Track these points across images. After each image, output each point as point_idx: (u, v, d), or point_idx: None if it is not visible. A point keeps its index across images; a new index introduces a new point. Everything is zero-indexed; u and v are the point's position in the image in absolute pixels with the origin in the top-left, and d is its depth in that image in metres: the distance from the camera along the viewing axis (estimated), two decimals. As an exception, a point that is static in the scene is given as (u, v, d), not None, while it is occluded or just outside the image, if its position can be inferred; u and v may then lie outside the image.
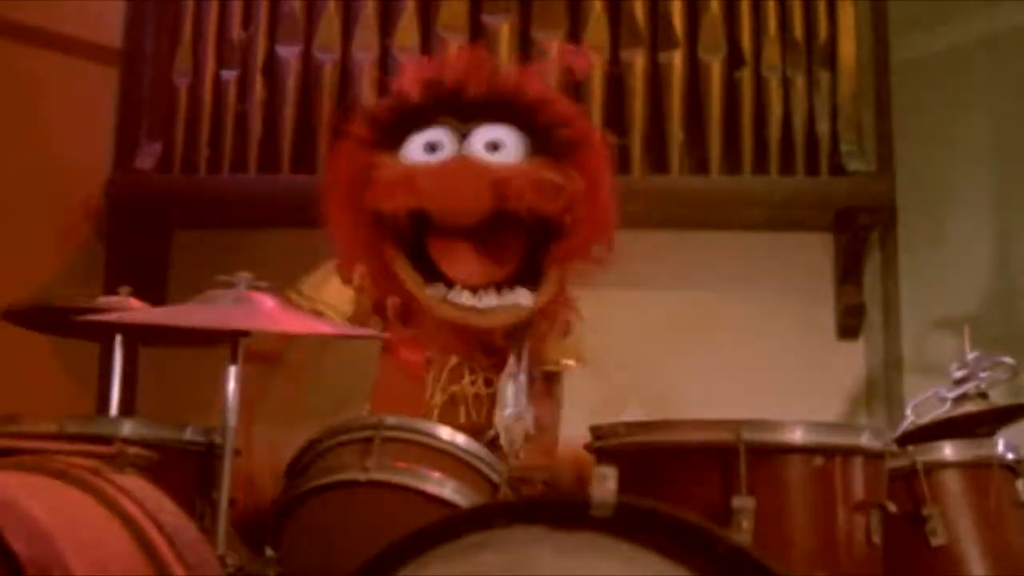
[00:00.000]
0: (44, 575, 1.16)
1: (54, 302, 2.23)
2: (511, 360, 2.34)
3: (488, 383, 2.53)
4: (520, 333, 2.43)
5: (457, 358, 2.52)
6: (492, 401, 2.55)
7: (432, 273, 2.52)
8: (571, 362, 2.63)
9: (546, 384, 2.77)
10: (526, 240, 2.53)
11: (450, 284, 2.49)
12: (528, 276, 2.54)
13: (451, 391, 2.49)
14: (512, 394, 2.26)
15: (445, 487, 1.97)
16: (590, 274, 2.58)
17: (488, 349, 2.56)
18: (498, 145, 2.48)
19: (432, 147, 2.49)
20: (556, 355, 2.61)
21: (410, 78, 2.56)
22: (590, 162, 2.52)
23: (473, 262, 2.50)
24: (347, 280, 2.59)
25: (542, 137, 2.48)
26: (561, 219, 2.49)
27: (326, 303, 2.54)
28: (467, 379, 2.51)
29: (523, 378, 2.31)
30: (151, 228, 3.82)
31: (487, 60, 2.62)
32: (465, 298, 2.47)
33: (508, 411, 2.23)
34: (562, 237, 2.51)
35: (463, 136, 2.49)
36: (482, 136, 2.48)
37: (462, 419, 2.49)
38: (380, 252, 2.53)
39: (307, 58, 3.76)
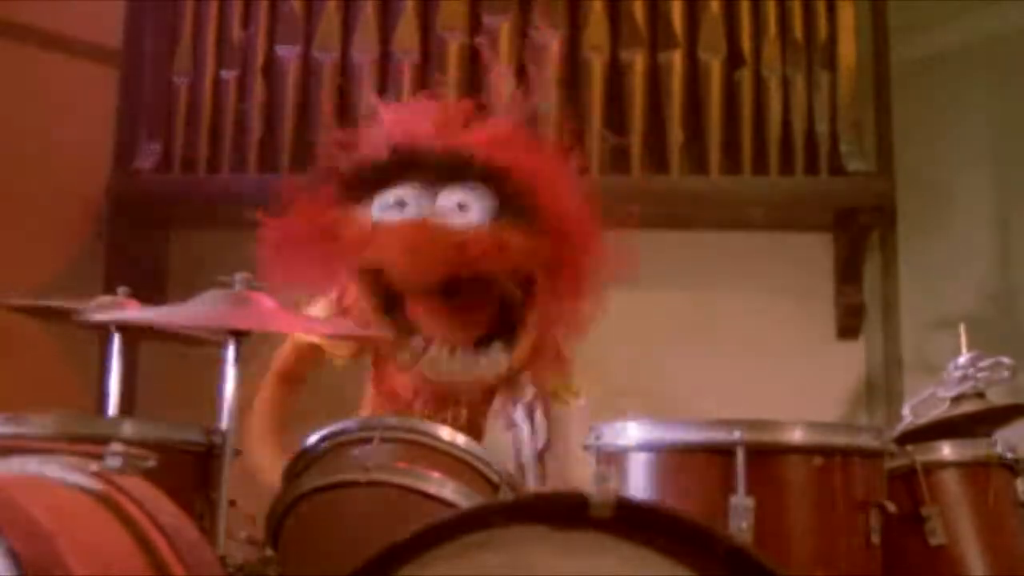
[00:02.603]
0: (44, 575, 1.16)
1: (51, 301, 2.22)
2: (497, 401, 2.35)
3: (477, 419, 2.51)
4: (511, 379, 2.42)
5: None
6: (481, 428, 2.54)
7: (409, 328, 2.47)
8: (579, 400, 2.60)
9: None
10: (502, 300, 2.48)
11: (427, 340, 2.45)
12: (506, 334, 2.48)
13: (439, 419, 2.46)
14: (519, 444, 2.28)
15: (445, 487, 1.97)
16: (581, 331, 2.54)
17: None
18: (464, 206, 2.43)
19: (401, 205, 2.47)
20: (555, 393, 2.58)
21: (376, 136, 2.52)
22: (563, 225, 2.45)
23: (449, 323, 2.46)
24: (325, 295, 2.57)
25: (509, 199, 2.42)
26: (529, 279, 2.44)
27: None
28: (456, 409, 2.49)
29: (519, 418, 2.32)
30: (150, 228, 3.83)
31: (451, 115, 2.57)
32: (444, 357, 2.45)
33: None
34: (535, 297, 2.45)
35: (434, 193, 2.46)
36: (452, 195, 2.45)
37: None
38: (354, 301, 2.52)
39: (307, 58, 3.77)
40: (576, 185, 2.54)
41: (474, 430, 2.48)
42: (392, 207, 2.44)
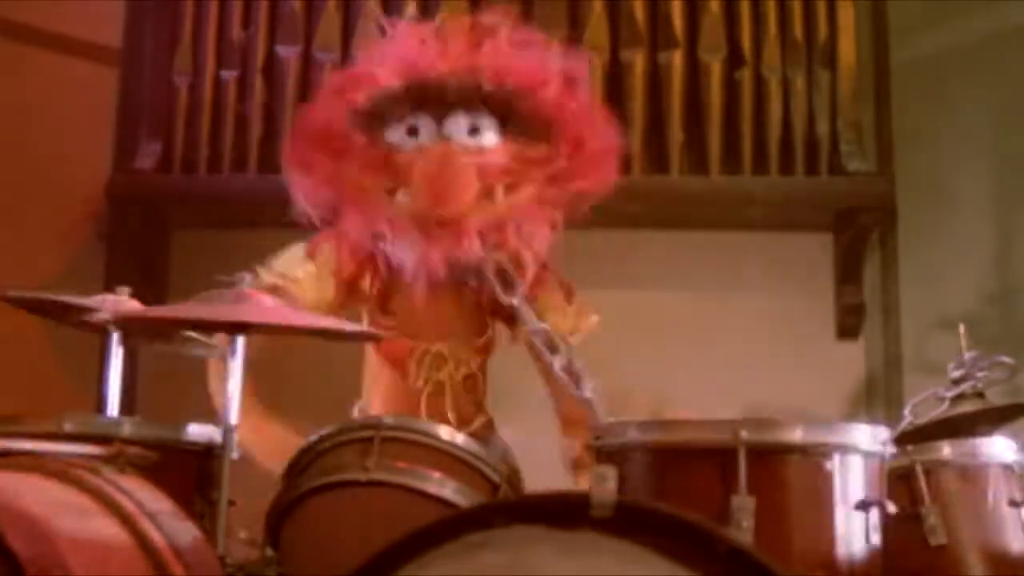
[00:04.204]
0: (44, 575, 1.16)
1: (51, 297, 2.22)
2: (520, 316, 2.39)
3: (472, 371, 2.54)
4: (513, 286, 2.45)
5: (440, 344, 2.52)
6: (477, 388, 2.55)
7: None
8: (592, 320, 2.62)
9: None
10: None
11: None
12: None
13: (436, 379, 2.49)
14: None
15: (445, 487, 1.97)
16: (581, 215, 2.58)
17: (473, 326, 2.56)
18: (477, 130, 2.51)
19: (413, 132, 2.52)
20: (570, 321, 2.59)
21: (389, 64, 2.58)
22: (575, 133, 2.55)
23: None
24: (313, 256, 2.59)
25: (516, 120, 2.52)
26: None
27: (295, 279, 2.54)
28: (451, 365, 2.51)
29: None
30: (151, 228, 3.82)
31: (460, 45, 2.63)
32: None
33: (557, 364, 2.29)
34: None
35: (440, 120, 2.51)
36: (459, 120, 2.52)
37: (448, 407, 2.48)
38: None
39: (307, 58, 3.76)
40: (582, 87, 2.63)
41: (474, 386, 2.51)
42: (405, 135, 2.49)
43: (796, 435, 1.78)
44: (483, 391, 2.59)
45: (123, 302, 2.15)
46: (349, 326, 2.27)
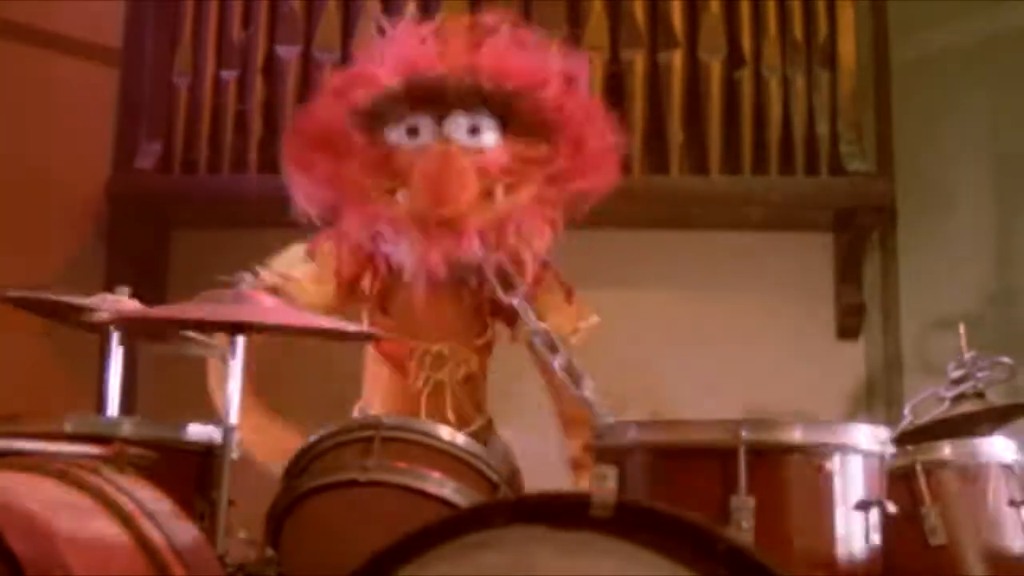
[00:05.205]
0: (44, 575, 1.16)
1: (51, 295, 2.22)
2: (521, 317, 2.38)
3: (472, 371, 2.53)
4: (513, 286, 2.45)
5: (441, 344, 2.52)
6: (477, 388, 2.55)
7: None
8: (592, 320, 2.62)
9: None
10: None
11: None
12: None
13: (436, 379, 2.49)
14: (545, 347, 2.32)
15: (445, 487, 1.97)
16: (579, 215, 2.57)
17: (473, 327, 2.56)
18: (476, 129, 2.51)
19: (413, 132, 2.52)
20: (571, 322, 2.59)
21: (388, 65, 2.57)
22: (572, 132, 2.54)
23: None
24: (313, 256, 2.59)
25: (516, 119, 2.52)
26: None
27: (295, 279, 2.54)
28: (451, 365, 2.51)
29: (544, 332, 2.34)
30: (151, 228, 3.82)
31: (460, 44, 2.62)
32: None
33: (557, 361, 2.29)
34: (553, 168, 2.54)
35: (440, 120, 2.51)
36: (459, 120, 2.51)
37: (448, 407, 2.48)
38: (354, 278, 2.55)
39: (307, 58, 3.76)
40: (581, 85, 2.62)
41: (473, 386, 2.51)
42: (405, 135, 2.49)
43: (796, 435, 1.78)
44: (483, 391, 2.59)
45: (123, 302, 2.15)
46: (349, 326, 2.27)
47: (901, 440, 2.13)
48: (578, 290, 2.66)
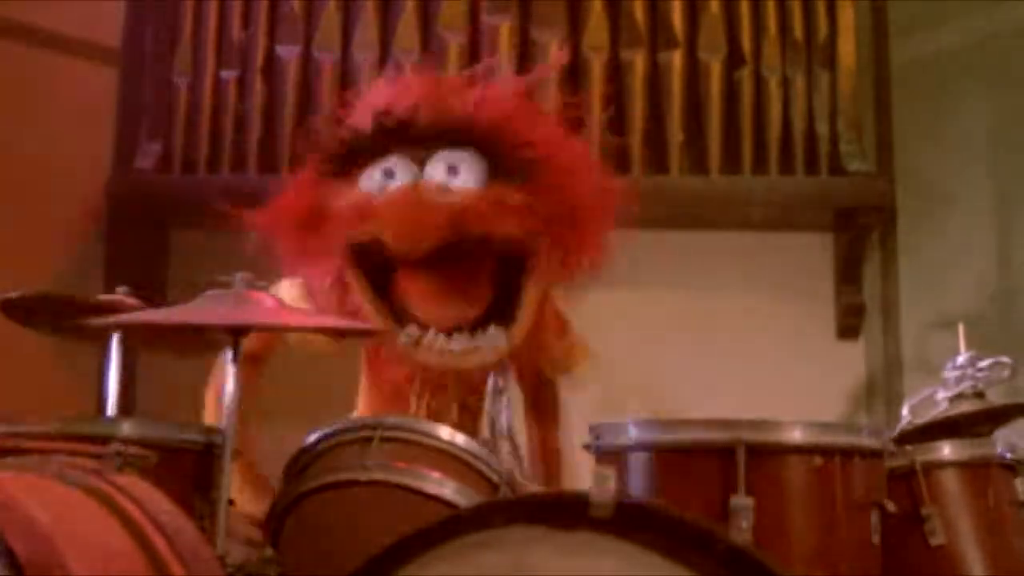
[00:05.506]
0: (44, 575, 1.16)
1: (53, 294, 2.23)
2: (491, 378, 2.27)
3: (471, 403, 2.49)
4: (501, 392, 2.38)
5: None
6: (476, 415, 2.52)
7: (401, 313, 2.43)
8: (583, 362, 2.60)
9: (545, 399, 2.74)
10: (497, 274, 2.44)
11: (422, 325, 2.39)
12: (502, 313, 2.43)
13: (435, 407, 2.45)
14: (496, 414, 2.23)
15: (445, 487, 1.97)
16: (580, 282, 2.52)
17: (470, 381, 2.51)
18: (454, 169, 2.40)
19: (389, 174, 2.43)
20: (563, 359, 2.57)
21: (362, 110, 2.50)
22: (559, 179, 2.41)
23: (443, 302, 2.40)
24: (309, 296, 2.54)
25: (502, 159, 2.39)
26: (530, 242, 2.39)
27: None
28: (451, 393, 2.48)
29: (507, 397, 2.27)
30: (150, 227, 3.83)
31: (439, 83, 2.54)
32: (440, 343, 2.39)
33: (486, 433, 2.19)
34: (535, 262, 2.41)
35: (421, 162, 2.42)
36: (440, 162, 2.41)
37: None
38: (345, 288, 2.47)
39: (307, 58, 3.77)
40: (570, 136, 2.51)
41: (472, 415, 2.48)
42: (380, 178, 2.43)
43: (796, 435, 1.78)
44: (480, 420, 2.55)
45: (121, 301, 2.15)
46: (349, 323, 2.27)
47: (901, 440, 2.13)
48: (578, 290, 2.66)
